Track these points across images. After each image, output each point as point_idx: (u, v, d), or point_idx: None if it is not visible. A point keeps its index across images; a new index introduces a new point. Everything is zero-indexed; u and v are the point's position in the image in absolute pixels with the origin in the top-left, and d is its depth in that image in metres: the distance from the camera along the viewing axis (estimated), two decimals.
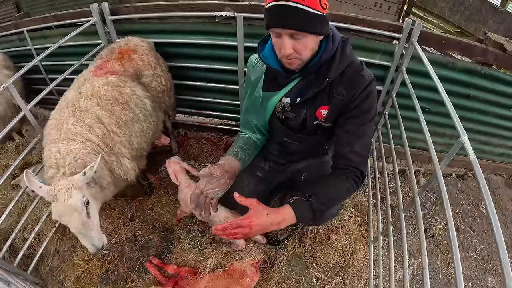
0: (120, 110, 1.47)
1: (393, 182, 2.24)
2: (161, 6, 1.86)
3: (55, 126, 1.38)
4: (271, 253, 1.78)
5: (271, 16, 0.95)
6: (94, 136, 1.38)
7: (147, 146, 1.69)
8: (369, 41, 1.81)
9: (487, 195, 0.87)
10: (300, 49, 0.99)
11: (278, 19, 0.93)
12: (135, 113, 1.55)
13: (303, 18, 0.92)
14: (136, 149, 1.56)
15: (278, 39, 0.99)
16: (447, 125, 2.12)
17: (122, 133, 1.46)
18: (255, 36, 1.81)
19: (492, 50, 1.77)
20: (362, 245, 1.78)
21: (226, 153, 1.31)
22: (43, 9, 5.21)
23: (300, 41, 0.97)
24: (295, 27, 0.93)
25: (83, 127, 1.37)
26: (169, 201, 2.02)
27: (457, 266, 0.92)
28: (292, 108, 1.20)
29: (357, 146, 1.12)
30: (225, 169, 1.22)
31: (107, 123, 1.41)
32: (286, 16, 0.91)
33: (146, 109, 1.62)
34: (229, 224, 1.00)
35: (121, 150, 1.46)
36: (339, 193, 1.12)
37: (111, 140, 1.42)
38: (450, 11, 3.91)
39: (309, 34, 0.96)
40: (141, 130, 1.58)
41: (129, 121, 1.50)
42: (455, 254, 0.95)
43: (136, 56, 1.70)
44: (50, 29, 2.36)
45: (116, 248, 1.84)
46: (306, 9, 0.91)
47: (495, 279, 1.91)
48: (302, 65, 1.06)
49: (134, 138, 1.53)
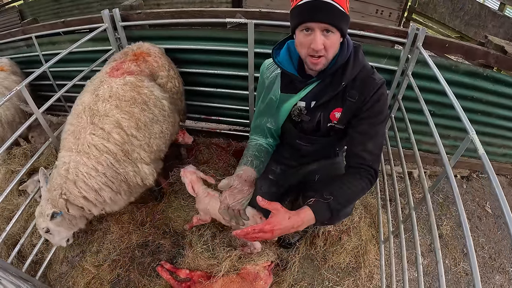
0: (140, 112, 1.47)
1: (400, 184, 2.27)
2: (172, 13, 1.89)
3: (72, 132, 1.39)
4: (283, 256, 1.79)
5: (304, 12, 0.98)
6: (112, 145, 1.38)
7: (165, 147, 1.69)
8: (376, 46, 1.85)
9: (497, 185, 0.88)
10: (328, 46, 1.02)
11: (314, 14, 0.97)
12: (154, 113, 1.54)
13: (337, 13, 0.96)
14: (155, 152, 1.56)
15: (307, 36, 1.02)
16: (452, 127, 2.17)
17: (142, 136, 1.46)
18: (265, 42, 1.85)
19: (493, 52, 1.82)
20: (372, 245, 1.79)
21: (240, 163, 1.33)
22: (48, 17, 5.26)
23: (329, 37, 1.00)
24: (330, 21, 0.97)
25: (101, 135, 1.37)
26: (180, 206, 2.02)
27: (471, 254, 0.93)
28: (307, 112, 1.24)
29: (370, 145, 1.16)
30: (244, 179, 1.25)
31: (127, 126, 1.41)
32: (322, 11, 0.96)
33: (165, 109, 1.62)
34: (252, 229, 1.01)
35: (140, 154, 1.46)
36: (355, 192, 1.15)
37: (131, 145, 1.42)
38: (449, 16, 4.00)
39: (337, 32, 1.00)
40: (161, 131, 1.58)
41: (148, 122, 1.50)
42: (468, 243, 0.96)
43: (151, 58, 1.72)
44: (58, 35, 2.39)
45: (127, 253, 1.83)
46: (337, 6, 0.96)
47: (503, 276, 1.93)
48: (326, 65, 1.09)
49: (154, 140, 1.53)
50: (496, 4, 3.92)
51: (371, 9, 3.78)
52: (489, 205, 2.32)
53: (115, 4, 2.02)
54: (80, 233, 2.00)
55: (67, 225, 1.55)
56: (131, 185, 1.46)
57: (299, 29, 1.03)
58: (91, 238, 1.95)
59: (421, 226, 2.08)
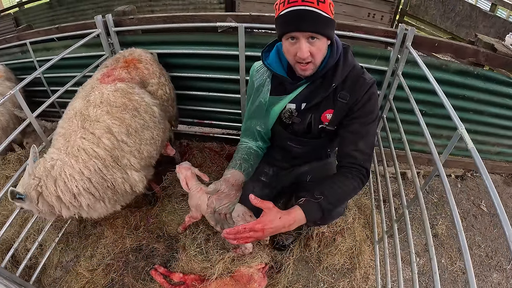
0: (131, 118, 1.47)
1: (394, 185, 2.28)
2: (164, 18, 1.91)
3: (63, 135, 1.39)
4: (277, 258, 1.78)
5: (288, 21, 0.99)
6: (101, 150, 1.38)
7: (156, 154, 1.69)
8: (366, 47, 1.87)
9: (487, 177, 0.89)
10: (315, 53, 1.03)
11: (298, 23, 0.98)
12: (145, 119, 1.55)
13: (320, 21, 0.97)
14: (146, 158, 1.56)
15: (293, 45, 1.03)
16: (444, 127, 2.18)
17: (132, 142, 1.46)
18: (256, 46, 1.87)
19: (483, 51, 1.84)
20: (367, 246, 1.79)
21: (229, 166, 1.33)
22: (43, 24, 5.29)
23: (315, 44, 1.01)
24: (314, 29, 0.98)
25: (92, 139, 1.37)
26: (174, 210, 2.01)
27: (465, 251, 0.93)
28: (298, 114, 1.24)
29: (362, 144, 1.16)
30: (231, 183, 1.25)
31: (117, 132, 1.41)
32: (305, 20, 0.97)
33: (155, 116, 1.62)
34: (243, 228, 1.01)
35: (130, 161, 1.45)
36: (346, 191, 1.15)
37: (121, 150, 1.42)
38: (441, 18, 4.05)
39: (323, 37, 1.01)
40: (151, 137, 1.58)
41: (139, 128, 1.51)
42: (461, 239, 0.96)
43: (142, 65, 1.73)
44: (52, 41, 2.40)
45: (121, 257, 1.82)
46: (321, 13, 0.97)
47: (501, 274, 1.93)
48: (315, 70, 1.10)
49: (144, 146, 1.53)
50: (488, 5, 3.97)
51: (363, 13, 3.82)
52: (484, 203, 2.33)
53: (110, 11, 2.04)
54: (74, 237, 1.99)
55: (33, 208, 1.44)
56: (118, 192, 1.45)
57: (285, 38, 1.04)
58: (85, 243, 1.95)
59: (416, 226, 2.08)
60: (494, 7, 3.71)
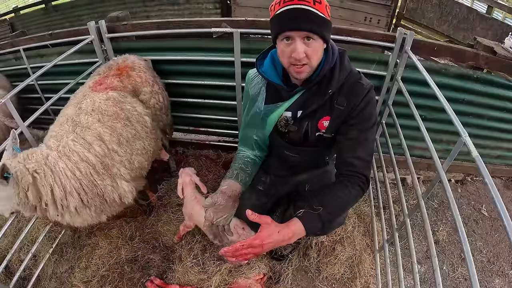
0: (122, 127, 1.45)
1: (394, 191, 2.24)
2: (158, 24, 1.88)
3: (54, 136, 1.35)
4: (275, 269, 1.74)
5: (283, 20, 0.96)
6: (92, 156, 1.34)
7: (148, 165, 1.66)
8: (364, 52, 1.85)
9: (493, 187, 0.86)
10: (311, 54, 0.99)
11: (293, 22, 0.95)
12: (137, 129, 1.53)
13: (316, 21, 0.94)
14: (137, 169, 1.52)
15: (288, 46, 0.99)
16: (444, 131, 2.15)
17: (123, 151, 1.43)
18: (252, 51, 1.84)
19: (483, 54, 1.82)
20: (367, 255, 1.75)
21: (226, 176, 1.30)
22: (38, 30, 5.27)
23: (311, 45, 0.98)
24: (310, 28, 0.95)
25: (83, 144, 1.34)
26: (169, 220, 1.97)
27: (469, 260, 0.91)
28: (294, 122, 1.21)
29: (360, 151, 1.13)
30: (228, 195, 1.21)
31: (108, 141, 1.38)
32: (301, 19, 0.94)
33: (147, 125, 1.60)
34: (241, 245, 0.97)
35: (120, 170, 1.42)
36: (346, 200, 1.11)
37: (111, 159, 1.39)
38: (438, 21, 4.05)
39: (319, 38, 0.98)
40: (143, 147, 1.55)
41: (130, 138, 1.48)
42: (465, 249, 0.93)
43: (134, 73, 1.70)
44: (46, 48, 2.37)
45: (116, 268, 1.78)
46: (317, 13, 0.94)
47: (503, 280, 1.89)
48: (310, 73, 1.07)
49: (135, 156, 1.50)
50: (484, 8, 3.98)
51: (360, 17, 3.81)
52: (485, 208, 2.29)
53: (105, 17, 2.01)
54: (69, 248, 1.95)
55: (9, 195, 1.23)
56: (106, 202, 1.41)
57: (280, 39, 1.01)
58: (79, 254, 1.90)
59: (416, 233, 2.04)
60: (491, 9, 3.71)
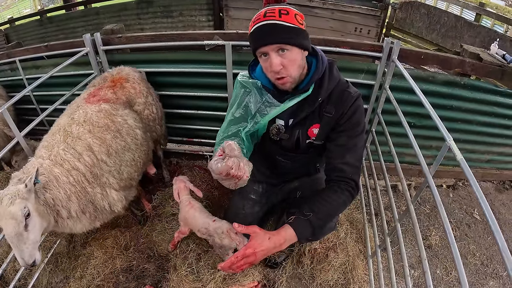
0: (112, 138, 1.48)
1: (385, 198, 2.27)
2: (152, 37, 1.92)
3: (46, 146, 1.40)
4: (269, 276, 1.75)
5: (255, 38, 1.02)
6: (82, 165, 1.38)
7: (138, 175, 1.69)
8: (352, 62, 1.89)
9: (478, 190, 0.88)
10: (287, 64, 1.03)
11: (262, 38, 1.00)
12: (127, 141, 1.56)
13: (283, 31, 0.99)
14: (126, 179, 1.55)
15: (266, 61, 1.04)
16: (433, 138, 2.19)
17: (112, 162, 1.46)
18: (243, 63, 1.88)
19: (469, 60, 1.87)
20: (360, 261, 1.77)
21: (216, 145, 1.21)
22: (33, 41, 5.29)
23: (286, 56, 1.02)
24: (278, 40, 0.99)
25: (73, 154, 1.37)
26: (164, 229, 1.98)
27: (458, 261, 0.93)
28: (286, 130, 1.24)
29: (349, 157, 1.16)
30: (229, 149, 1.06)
31: (97, 151, 1.42)
32: (268, 33, 0.99)
33: (137, 138, 1.63)
34: (235, 258, 1.00)
35: (109, 180, 1.45)
36: (336, 206, 1.14)
37: (100, 169, 1.42)
38: (426, 30, 4.15)
39: (293, 47, 1.02)
40: (132, 159, 1.58)
41: (120, 149, 1.51)
42: (454, 253, 0.96)
43: (128, 85, 1.73)
44: (42, 59, 2.40)
45: (111, 278, 1.78)
46: (284, 24, 0.98)
47: (497, 282, 1.91)
48: (294, 84, 1.10)
49: (125, 167, 1.53)
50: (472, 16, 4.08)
51: (350, 27, 3.89)
52: (477, 211, 2.33)
53: (100, 29, 2.05)
54: (64, 258, 1.95)
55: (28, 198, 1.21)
56: (98, 208, 1.44)
57: (258, 56, 1.06)
58: (74, 264, 1.90)
59: (409, 238, 2.07)
60: (479, 17, 3.81)
